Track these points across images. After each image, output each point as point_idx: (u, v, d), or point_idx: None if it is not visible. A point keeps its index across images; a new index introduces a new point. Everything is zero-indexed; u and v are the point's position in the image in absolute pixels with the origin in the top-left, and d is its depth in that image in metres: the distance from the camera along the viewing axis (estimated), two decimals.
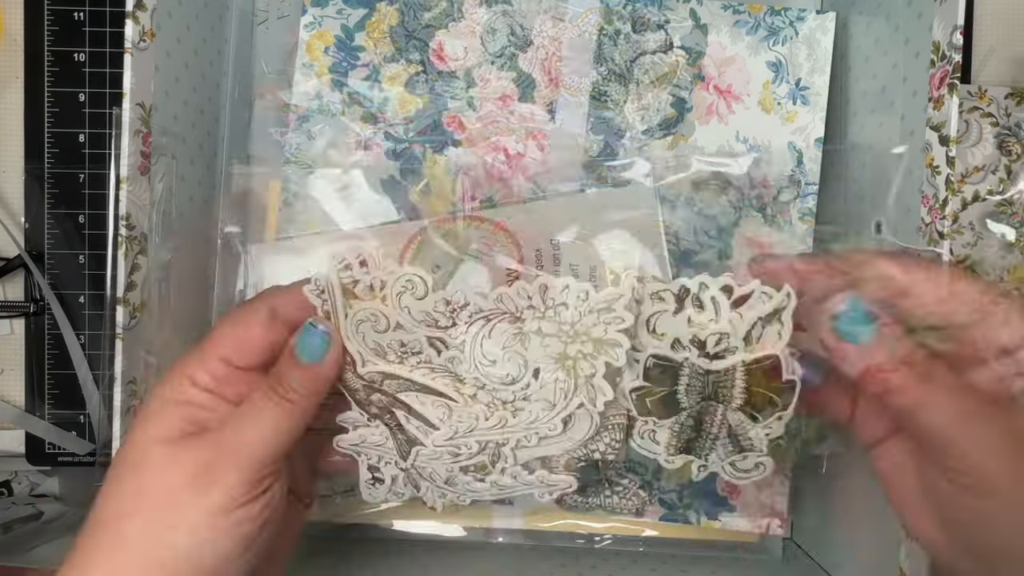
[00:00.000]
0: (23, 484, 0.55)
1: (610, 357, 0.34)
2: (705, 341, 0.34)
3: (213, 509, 0.30)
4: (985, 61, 0.53)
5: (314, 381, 0.33)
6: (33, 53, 0.52)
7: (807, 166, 0.47)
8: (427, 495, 0.37)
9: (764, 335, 0.33)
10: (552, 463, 0.36)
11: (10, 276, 0.52)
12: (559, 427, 0.35)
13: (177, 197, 0.43)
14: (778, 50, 0.48)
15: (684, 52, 0.48)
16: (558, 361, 0.34)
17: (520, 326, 0.34)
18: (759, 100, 0.48)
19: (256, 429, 0.32)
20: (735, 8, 0.48)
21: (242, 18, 0.49)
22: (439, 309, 0.34)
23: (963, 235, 0.52)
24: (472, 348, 0.34)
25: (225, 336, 0.34)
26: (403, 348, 0.34)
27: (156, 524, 0.30)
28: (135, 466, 0.31)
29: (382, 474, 0.37)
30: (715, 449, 0.36)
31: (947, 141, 0.37)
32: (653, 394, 0.35)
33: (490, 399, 0.35)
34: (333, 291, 0.34)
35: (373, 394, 0.35)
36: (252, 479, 0.31)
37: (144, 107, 0.38)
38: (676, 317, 0.34)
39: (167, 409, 0.32)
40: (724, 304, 0.34)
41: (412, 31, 0.47)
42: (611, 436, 0.36)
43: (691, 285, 0.34)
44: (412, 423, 0.35)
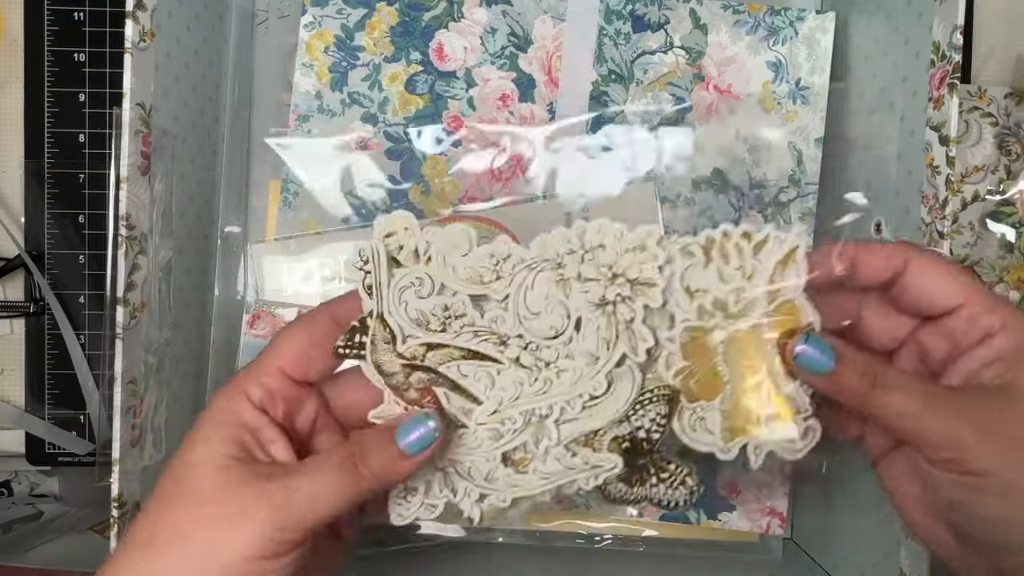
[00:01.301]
0: (23, 484, 0.55)
1: (647, 298, 0.34)
2: (727, 301, 0.34)
3: (246, 554, 0.29)
4: (985, 61, 0.53)
5: (398, 471, 0.32)
6: (33, 53, 0.52)
7: (807, 166, 0.48)
8: (463, 502, 0.35)
9: (785, 277, 0.34)
10: (596, 442, 0.35)
11: (10, 276, 0.52)
12: (603, 386, 0.35)
13: (177, 197, 0.43)
14: (778, 50, 0.48)
15: (684, 52, 0.48)
16: (599, 307, 0.34)
17: (562, 272, 0.34)
18: (759, 100, 0.48)
19: (314, 490, 0.31)
20: (735, 8, 0.48)
21: (242, 18, 0.49)
22: (483, 263, 0.34)
23: (963, 235, 0.52)
24: (516, 301, 0.34)
25: (286, 346, 0.33)
26: (446, 312, 0.34)
27: (196, 555, 0.30)
28: (184, 490, 0.31)
29: (415, 481, 0.35)
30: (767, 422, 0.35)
31: (947, 141, 0.37)
32: (694, 373, 0.35)
33: (533, 360, 0.35)
34: (379, 258, 0.34)
35: (413, 374, 0.35)
36: (289, 536, 0.30)
37: (144, 107, 0.38)
38: (707, 269, 0.34)
39: (219, 430, 0.32)
40: (747, 250, 0.34)
41: (412, 31, 0.47)
42: (655, 410, 0.35)
43: (715, 235, 0.34)
44: (454, 402, 0.35)
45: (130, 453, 0.38)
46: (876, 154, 0.44)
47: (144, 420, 0.40)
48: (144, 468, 0.40)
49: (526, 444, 0.35)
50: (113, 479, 0.37)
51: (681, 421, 0.35)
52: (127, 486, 0.38)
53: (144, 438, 0.40)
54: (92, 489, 0.45)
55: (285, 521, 0.30)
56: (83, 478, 0.54)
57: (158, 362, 0.41)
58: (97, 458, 0.50)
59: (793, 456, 0.35)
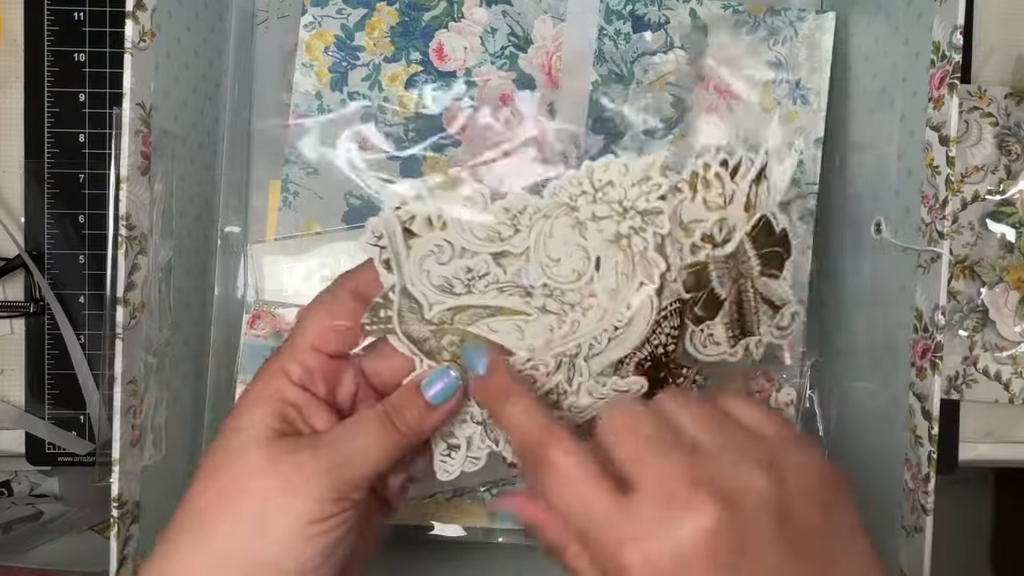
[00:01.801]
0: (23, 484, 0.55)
1: (656, 226, 0.36)
2: (712, 233, 0.37)
3: (301, 518, 0.30)
4: (985, 61, 0.53)
5: (430, 421, 0.34)
6: (33, 53, 0.52)
7: (807, 166, 0.48)
8: (506, 449, 0.36)
9: (759, 194, 0.38)
10: (622, 368, 0.37)
11: (10, 276, 0.52)
12: (625, 316, 0.36)
13: (177, 197, 0.43)
14: (778, 50, 0.48)
15: (684, 52, 0.48)
16: (614, 242, 0.36)
17: (577, 216, 0.36)
18: (759, 100, 0.48)
19: (358, 448, 0.32)
20: (735, 8, 0.48)
21: (242, 18, 0.49)
22: (500, 219, 0.35)
23: (963, 235, 0.52)
24: (537, 251, 0.36)
25: (314, 324, 0.34)
26: (469, 274, 0.35)
27: (246, 526, 0.30)
28: (229, 463, 0.31)
29: (456, 438, 0.36)
30: (761, 320, 0.39)
31: (947, 141, 0.37)
32: (697, 300, 0.38)
33: (559, 306, 0.36)
34: (394, 233, 0.34)
35: (444, 337, 0.35)
36: (342, 495, 0.31)
37: (144, 107, 0.38)
38: (695, 202, 0.37)
39: (262, 406, 0.32)
40: (726, 177, 0.38)
41: (412, 31, 0.47)
42: (669, 324, 0.37)
43: (697, 168, 0.37)
44: None
45: (130, 453, 0.38)
46: (876, 154, 0.44)
47: (144, 420, 0.40)
48: (144, 468, 0.40)
49: (559, 384, 0.36)
50: (113, 479, 0.37)
51: (694, 342, 0.38)
52: (127, 486, 0.38)
53: (144, 438, 0.40)
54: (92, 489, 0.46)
55: (339, 480, 0.31)
56: (83, 478, 0.54)
57: (158, 362, 0.41)
58: (97, 458, 0.50)
59: (784, 339, 0.40)
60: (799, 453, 0.30)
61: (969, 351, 0.52)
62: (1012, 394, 0.52)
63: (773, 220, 0.39)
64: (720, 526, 0.27)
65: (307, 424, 0.33)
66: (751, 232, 0.38)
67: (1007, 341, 0.52)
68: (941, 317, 0.37)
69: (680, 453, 0.29)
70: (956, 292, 0.52)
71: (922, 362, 0.38)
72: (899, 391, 0.40)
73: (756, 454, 0.29)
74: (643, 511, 0.28)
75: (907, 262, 0.40)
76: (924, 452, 0.37)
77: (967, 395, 0.52)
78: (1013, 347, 0.52)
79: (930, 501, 0.37)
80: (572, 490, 0.29)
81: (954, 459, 0.53)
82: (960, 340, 0.52)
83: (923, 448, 0.37)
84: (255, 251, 0.48)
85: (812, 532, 0.28)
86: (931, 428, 0.37)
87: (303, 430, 0.33)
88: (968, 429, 0.53)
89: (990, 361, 0.52)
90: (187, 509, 0.31)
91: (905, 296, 0.40)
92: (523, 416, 0.32)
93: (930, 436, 0.37)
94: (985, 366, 0.52)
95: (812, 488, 0.29)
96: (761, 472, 0.28)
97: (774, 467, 0.28)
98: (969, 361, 0.52)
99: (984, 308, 0.52)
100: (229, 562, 0.30)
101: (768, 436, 0.30)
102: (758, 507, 0.27)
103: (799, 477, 0.29)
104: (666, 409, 0.31)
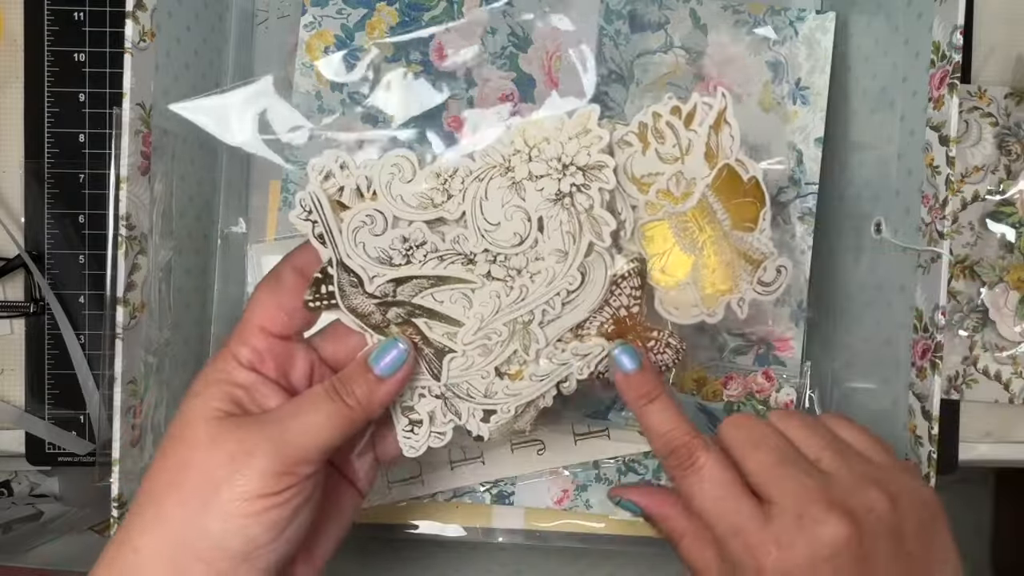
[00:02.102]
0: (23, 484, 0.55)
1: (601, 182, 0.34)
2: (669, 188, 0.36)
3: (245, 493, 0.30)
4: (985, 61, 0.53)
5: (379, 394, 0.34)
6: (33, 53, 0.52)
7: (807, 166, 0.48)
8: (470, 423, 0.36)
9: (720, 141, 0.36)
10: (582, 331, 0.36)
11: (10, 276, 0.52)
12: (577, 279, 0.35)
13: (177, 197, 0.43)
14: (778, 50, 0.48)
15: (684, 52, 0.48)
16: (556, 202, 0.34)
17: (512, 176, 0.34)
18: (759, 100, 0.48)
19: (305, 422, 0.32)
20: (735, 8, 0.48)
21: (242, 18, 0.49)
22: (431, 184, 0.34)
23: (963, 235, 0.52)
24: (473, 216, 0.34)
25: (259, 306, 0.34)
26: (406, 244, 0.34)
27: (192, 502, 0.30)
28: (180, 440, 0.32)
29: (418, 413, 0.36)
30: (739, 276, 0.37)
31: (947, 141, 0.37)
32: (662, 262, 0.36)
33: (504, 272, 0.35)
34: (322, 206, 0.33)
35: (389, 310, 0.35)
36: (287, 470, 0.31)
37: (144, 107, 0.38)
38: (647, 155, 0.36)
39: (211, 388, 0.33)
40: (679, 126, 0.36)
41: (412, 31, 0.47)
42: (629, 284, 0.36)
43: (646, 119, 0.36)
44: (436, 330, 0.35)
45: (130, 453, 0.38)
46: (876, 154, 0.44)
47: (144, 420, 0.40)
48: (144, 468, 0.40)
49: (516, 353, 0.35)
50: (113, 479, 0.37)
51: (664, 305, 0.37)
52: (127, 486, 0.38)
53: (144, 438, 0.40)
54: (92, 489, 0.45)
55: (283, 455, 0.31)
56: (83, 478, 0.54)
57: (158, 362, 0.41)
58: (97, 458, 0.49)
59: (771, 296, 0.38)
60: (906, 478, 0.34)
61: (969, 351, 0.52)
62: (1012, 394, 0.52)
63: (740, 168, 0.36)
64: (849, 541, 0.31)
65: (257, 405, 0.33)
66: (714, 183, 0.36)
67: (1007, 341, 0.52)
68: (941, 317, 0.37)
69: (809, 473, 0.33)
70: (956, 292, 0.52)
71: (922, 362, 0.38)
72: (899, 391, 0.40)
73: (874, 477, 0.33)
74: (783, 522, 0.31)
75: (907, 262, 0.40)
76: (924, 452, 0.37)
77: (967, 395, 0.52)
78: (1013, 347, 0.52)
79: None
80: (718, 494, 0.33)
81: (954, 459, 0.53)
82: (960, 340, 0.52)
83: (923, 448, 0.37)
84: (255, 251, 0.48)
85: (919, 551, 0.32)
86: (931, 428, 0.37)
87: (252, 411, 0.33)
88: (968, 429, 0.53)
89: (990, 361, 0.52)
90: (140, 492, 0.32)
91: (905, 296, 0.40)
92: (669, 416, 0.35)
93: (930, 436, 0.37)
94: (985, 366, 0.52)
95: (919, 511, 0.33)
96: (881, 495, 0.32)
97: (889, 491, 0.32)
98: (969, 361, 0.52)
99: (984, 308, 0.52)
100: (178, 539, 0.30)
101: (877, 461, 0.34)
102: (879, 527, 0.31)
103: (909, 501, 0.33)
104: (785, 427, 0.35)
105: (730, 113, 0.36)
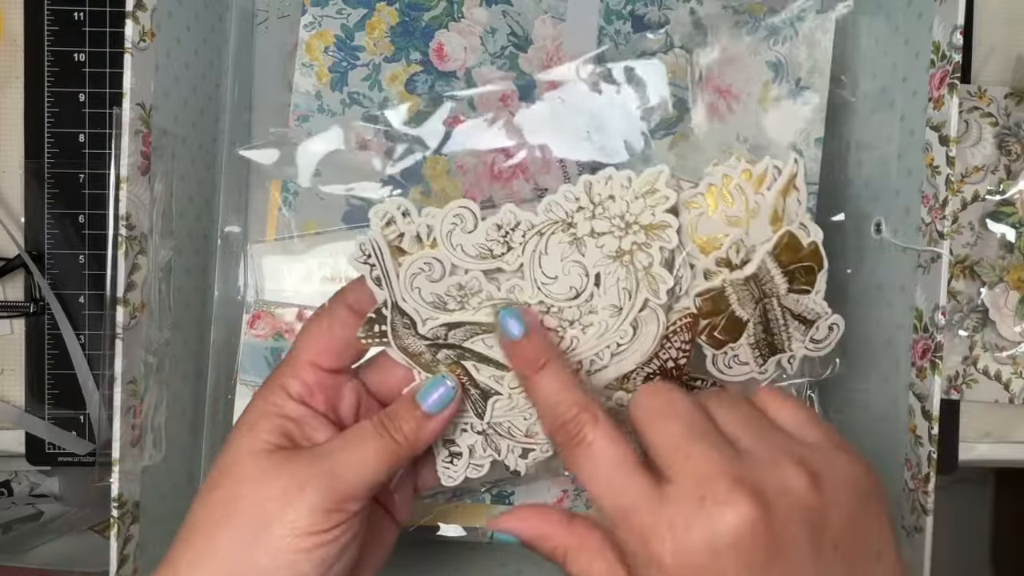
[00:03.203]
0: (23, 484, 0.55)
1: (663, 241, 0.35)
2: (728, 256, 0.36)
3: (296, 529, 0.30)
4: (985, 61, 0.53)
5: (426, 431, 0.33)
6: (33, 53, 0.52)
7: (807, 166, 0.47)
8: (508, 458, 0.36)
9: (787, 205, 0.36)
10: (629, 383, 0.36)
11: (10, 276, 0.52)
12: (629, 333, 0.35)
13: (177, 197, 0.43)
14: (778, 50, 0.48)
15: (684, 52, 0.48)
16: (616, 259, 0.35)
17: (574, 232, 0.34)
18: (759, 100, 0.48)
19: (355, 458, 0.32)
20: (735, 8, 0.48)
21: (242, 18, 0.49)
22: (491, 236, 0.34)
23: (963, 235, 0.52)
24: (531, 268, 0.34)
25: (311, 339, 0.34)
26: (461, 291, 0.34)
27: (243, 537, 0.30)
28: (230, 474, 0.32)
29: (458, 446, 0.36)
30: (792, 336, 0.37)
31: (947, 141, 0.37)
32: (716, 325, 0.36)
33: (557, 322, 0.35)
34: (381, 252, 0.34)
35: (439, 351, 0.35)
36: (337, 506, 0.31)
37: (144, 107, 0.38)
38: (713, 217, 0.36)
39: (261, 422, 0.33)
40: (748, 189, 0.36)
41: (412, 31, 0.47)
42: (680, 339, 0.36)
43: (715, 180, 0.36)
44: (483, 372, 0.35)
45: (130, 453, 0.38)
46: (876, 154, 0.44)
47: (144, 420, 0.40)
48: (144, 468, 0.40)
49: None
50: (113, 479, 0.37)
51: (717, 365, 0.37)
52: (127, 486, 0.38)
53: (144, 438, 0.40)
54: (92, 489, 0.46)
55: (334, 491, 0.31)
56: (83, 478, 0.54)
57: (158, 362, 0.41)
58: (97, 458, 0.50)
59: (822, 352, 0.38)
60: (841, 459, 0.29)
61: (969, 351, 0.52)
62: (1012, 394, 0.52)
63: (802, 233, 0.36)
64: (756, 526, 0.26)
65: (307, 438, 0.33)
66: (774, 251, 0.36)
67: (1007, 341, 0.52)
68: (941, 317, 0.37)
69: (719, 448, 0.28)
70: (956, 292, 0.52)
71: (922, 362, 0.38)
72: (899, 391, 0.40)
73: (796, 457, 0.28)
74: (680, 502, 0.27)
75: (907, 262, 0.40)
76: (924, 452, 0.37)
77: (967, 395, 0.52)
78: (1013, 347, 0.52)
79: (930, 501, 0.37)
80: (607, 474, 0.29)
81: (954, 459, 0.53)
82: (960, 340, 0.52)
83: (923, 448, 0.37)
84: (255, 251, 0.48)
85: (846, 542, 0.28)
86: (931, 428, 0.37)
87: (302, 444, 0.33)
88: (968, 429, 0.53)
89: (990, 361, 0.52)
90: (187, 524, 0.32)
91: (905, 296, 0.40)
92: (557, 387, 0.32)
93: (930, 436, 0.37)
94: (985, 366, 0.52)
95: (848, 496, 0.28)
96: (800, 474, 0.28)
97: (814, 473, 0.28)
98: (969, 361, 0.52)
99: (984, 308, 0.52)
100: (228, 573, 0.30)
101: (809, 441, 0.30)
102: (793, 511, 0.27)
103: (836, 483, 0.28)
104: (707, 402, 0.31)
105: (800, 178, 0.36)
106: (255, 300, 0.47)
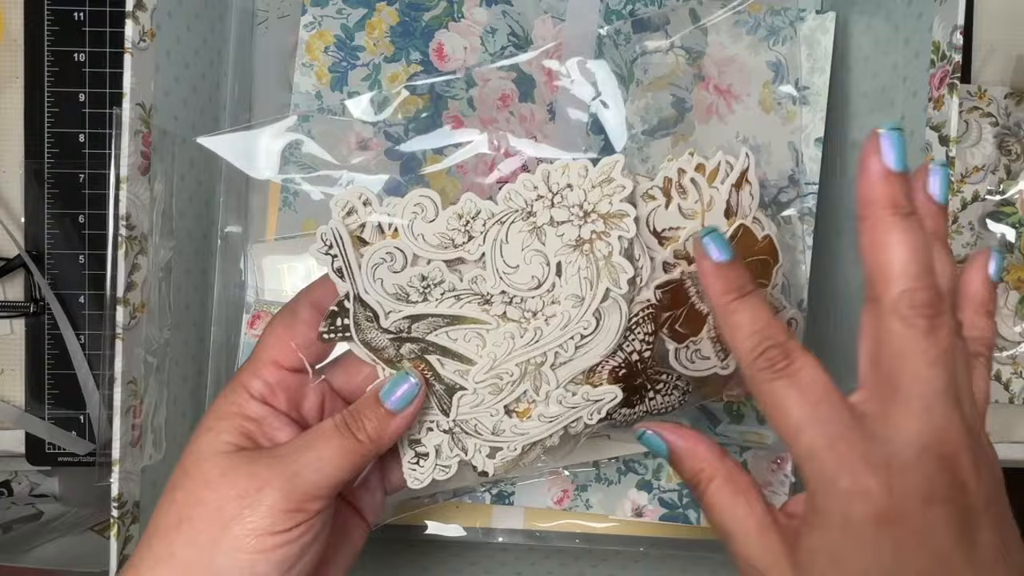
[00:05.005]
0: (23, 484, 0.55)
1: (621, 230, 0.35)
2: (685, 249, 0.36)
3: (256, 530, 0.30)
4: (985, 61, 0.53)
5: (389, 429, 0.33)
6: (33, 53, 0.52)
7: (807, 166, 0.47)
8: (475, 458, 0.36)
9: (740, 199, 0.37)
10: (595, 376, 0.36)
11: (10, 276, 0.52)
12: (592, 324, 0.35)
13: (177, 197, 0.43)
14: (778, 50, 0.48)
15: (684, 52, 0.48)
16: (576, 248, 0.35)
17: (534, 220, 0.34)
18: (759, 100, 0.48)
19: (316, 458, 0.32)
20: (735, 8, 0.48)
21: (242, 18, 0.49)
22: (452, 226, 0.34)
23: (963, 235, 0.52)
24: (493, 257, 0.34)
25: (274, 339, 0.34)
26: (424, 282, 0.34)
27: (202, 538, 0.30)
28: (189, 476, 0.32)
29: (425, 446, 0.36)
30: None
31: (947, 141, 0.37)
32: (677, 318, 0.36)
33: (520, 313, 0.35)
34: (342, 241, 0.34)
35: (403, 346, 0.35)
36: (297, 507, 0.31)
37: (144, 107, 0.38)
38: (669, 210, 0.36)
39: (221, 422, 0.33)
40: (702, 183, 0.36)
41: (412, 31, 0.47)
42: (642, 331, 0.36)
43: (671, 174, 0.36)
44: (448, 367, 0.35)
45: (130, 453, 0.38)
46: None
47: (144, 420, 0.40)
48: (144, 468, 0.40)
49: (526, 393, 0.36)
50: (113, 479, 0.37)
51: (679, 359, 0.37)
52: (127, 486, 0.38)
53: (144, 438, 0.40)
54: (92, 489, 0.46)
55: (294, 491, 0.31)
56: (83, 478, 0.54)
57: (158, 362, 0.41)
58: (97, 458, 0.49)
59: None
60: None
61: None
62: (1012, 394, 0.52)
63: (756, 227, 0.37)
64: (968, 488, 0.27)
65: (268, 438, 0.33)
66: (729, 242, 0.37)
67: (1007, 341, 0.52)
68: None
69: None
70: None
71: None
72: None
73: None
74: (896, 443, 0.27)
75: None
76: None
77: None
78: (1013, 347, 0.52)
79: None
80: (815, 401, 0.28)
81: None
82: None
83: None
84: (255, 251, 0.48)
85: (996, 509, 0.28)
86: None
87: (264, 444, 0.33)
88: None
89: None
90: (150, 527, 0.32)
91: None
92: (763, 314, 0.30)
93: None
94: None
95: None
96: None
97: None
98: None
99: None
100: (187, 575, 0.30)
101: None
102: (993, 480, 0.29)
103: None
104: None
105: (752, 173, 0.37)
106: (255, 300, 0.47)
